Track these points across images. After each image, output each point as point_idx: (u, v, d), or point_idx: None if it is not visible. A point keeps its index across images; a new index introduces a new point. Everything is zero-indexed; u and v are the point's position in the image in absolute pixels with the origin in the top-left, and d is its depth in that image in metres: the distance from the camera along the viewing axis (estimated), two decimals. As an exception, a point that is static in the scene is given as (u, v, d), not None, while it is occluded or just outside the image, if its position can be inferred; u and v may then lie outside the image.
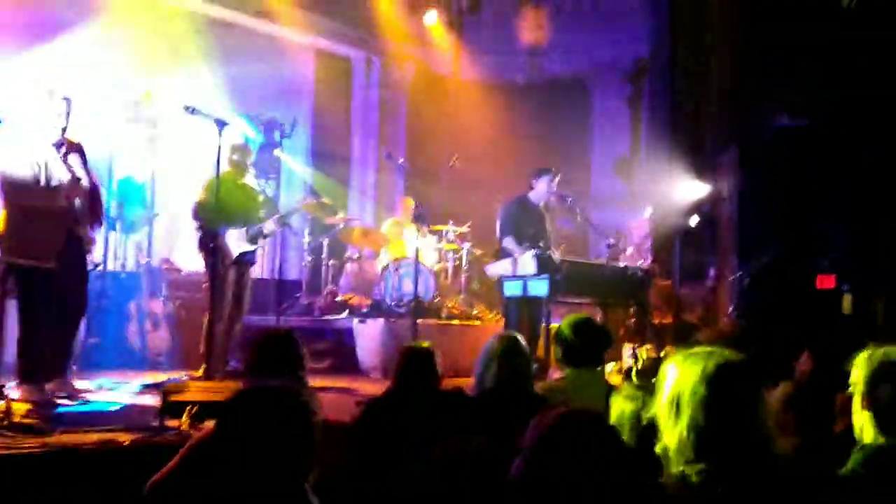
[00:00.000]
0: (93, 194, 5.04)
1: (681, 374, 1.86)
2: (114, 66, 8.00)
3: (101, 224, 5.21)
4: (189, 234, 6.08)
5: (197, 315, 6.90)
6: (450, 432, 2.88)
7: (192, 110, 4.79)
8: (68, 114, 4.82)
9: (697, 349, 1.91)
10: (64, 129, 4.81)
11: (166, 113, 8.13)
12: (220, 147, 4.91)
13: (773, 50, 8.52)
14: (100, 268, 6.55)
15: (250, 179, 6.20)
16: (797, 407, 2.66)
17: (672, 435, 1.81)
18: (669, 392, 1.85)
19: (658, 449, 1.84)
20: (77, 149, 4.98)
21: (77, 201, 4.87)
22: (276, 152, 8.85)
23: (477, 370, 3.40)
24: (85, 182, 4.92)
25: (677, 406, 1.82)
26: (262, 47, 10.13)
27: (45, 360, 4.80)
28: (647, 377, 2.86)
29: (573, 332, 3.60)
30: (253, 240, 5.99)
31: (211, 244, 5.56)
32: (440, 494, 2.36)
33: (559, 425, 1.65)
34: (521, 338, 3.50)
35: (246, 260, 6.00)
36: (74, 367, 5.33)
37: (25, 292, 4.77)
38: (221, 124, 4.83)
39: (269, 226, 6.06)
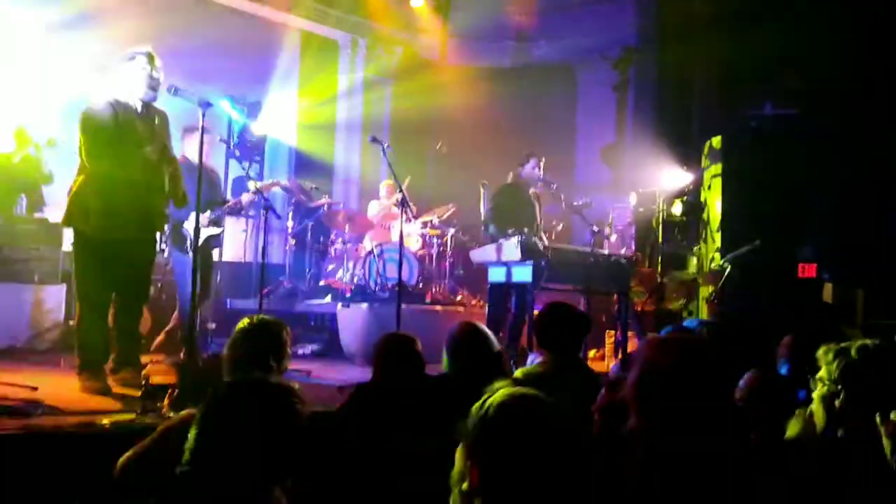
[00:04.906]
0: (173, 166, 4.93)
1: (646, 357, 1.86)
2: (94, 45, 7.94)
3: (178, 201, 4.96)
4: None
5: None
6: (435, 419, 2.89)
7: (175, 91, 4.73)
8: (151, 75, 4.71)
9: (667, 334, 1.92)
10: (147, 85, 4.71)
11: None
12: (202, 129, 4.86)
13: (759, 39, 8.54)
14: (165, 250, 6.47)
15: (214, 163, 6.13)
16: (762, 398, 2.67)
17: (639, 418, 1.81)
18: (636, 375, 1.85)
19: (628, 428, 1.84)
20: (159, 113, 4.89)
21: (160, 169, 4.75)
22: (249, 134, 8.74)
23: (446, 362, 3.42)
24: (169, 151, 4.84)
25: (642, 390, 1.82)
26: (248, 28, 10.06)
27: (107, 345, 4.66)
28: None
29: (552, 318, 3.61)
30: (216, 223, 5.91)
31: (178, 229, 5.52)
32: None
33: (497, 413, 1.65)
34: (480, 325, 3.54)
35: (212, 245, 5.93)
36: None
37: (89, 269, 4.61)
38: (205, 105, 4.77)
39: (234, 207, 5.98)
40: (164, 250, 6.16)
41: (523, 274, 6.17)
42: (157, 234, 4.99)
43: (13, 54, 8.16)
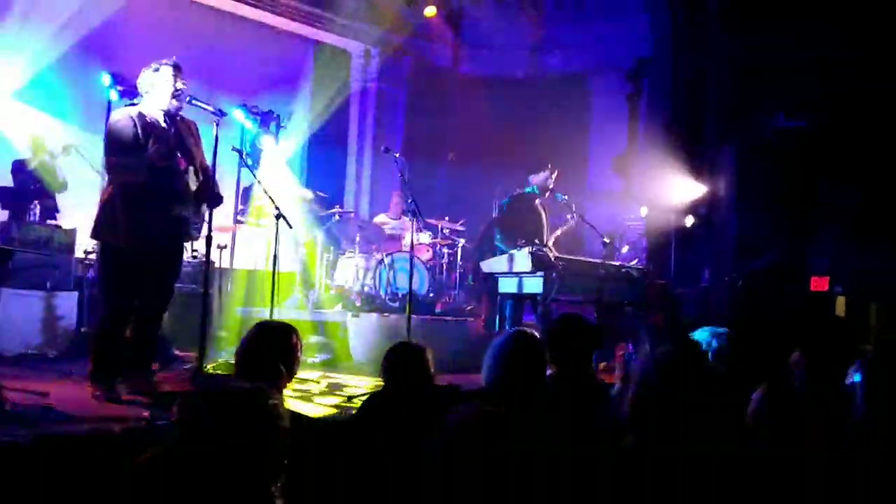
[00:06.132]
0: (204, 173, 4.89)
1: (642, 374, 1.86)
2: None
3: (210, 206, 4.79)
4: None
5: (194, 302, 6.83)
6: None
7: (190, 100, 4.76)
8: (176, 86, 4.70)
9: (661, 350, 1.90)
10: (172, 96, 4.71)
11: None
12: (216, 138, 4.87)
13: (772, 51, 8.53)
14: (197, 257, 6.39)
15: None
16: (773, 411, 2.65)
17: (638, 434, 1.81)
18: (633, 392, 1.84)
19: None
20: (187, 123, 4.89)
21: (185, 177, 4.72)
22: (259, 142, 8.76)
23: (491, 367, 3.17)
24: (200, 160, 4.84)
25: (639, 406, 1.81)
26: (261, 38, 10.12)
27: (121, 355, 4.63)
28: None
29: (562, 330, 3.59)
30: None
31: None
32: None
33: (464, 426, 1.65)
34: (537, 335, 3.44)
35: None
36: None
37: (115, 279, 4.61)
38: (220, 114, 4.79)
39: None
40: (195, 256, 6.12)
41: (534, 285, 6.16)
42: (186, 244, 5.00)
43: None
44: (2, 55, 7.98)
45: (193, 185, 4.82)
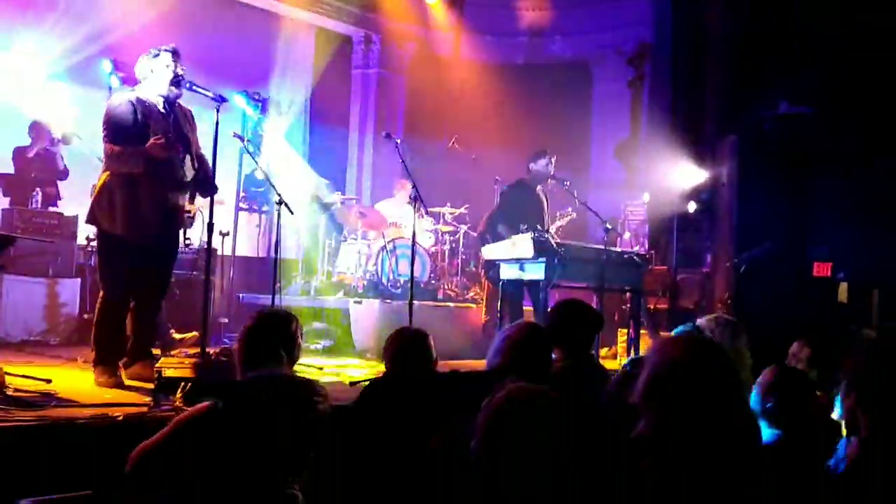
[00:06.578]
0: (199, 161, 4.89)
1: (657, 358, 1.85)
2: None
3: (204, 195, 4.83)
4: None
5: (196, 289, 6.85)
6: (446, 415, 2.89)
7: (190, 86, 4.74)
8: (175, 72, 4.69)
9: (674, 335, 1.90)
10: (172, 82, 4.70)
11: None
12: (217, 124, 4.85)
13: (774, 36, 8.48)
14: (192, 245, 6.40)
15: None
16: (781, 395, 2.65)
17: (650, 419, 1.80)
18: (647, 376, 1.83)
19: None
20: (183, 110, 4.89)
21: (182, 167, 4.73)
22: (260, 129, 8.74)
23: (496, 355, 3.19)
24: (195, 147, 4.85)
25: (653, 391, 1.80)
26: (262, 24, 10.08)
27: (123, 340, 4.67)
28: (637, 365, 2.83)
29: (565, 316, 3.59)
30: None
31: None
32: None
33: (506, 405, 1.66)
34: (540, 325, 3.45)
35: None
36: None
37: (112, 266, 4.64)
38: (220, 100, 4.77)
39: None
40: (189, 243, 6.12)
41: (536, 271, 6.15)
42: (181, 231, 5.00)
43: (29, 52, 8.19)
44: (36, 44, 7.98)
45: (190, 173, 4.82)
